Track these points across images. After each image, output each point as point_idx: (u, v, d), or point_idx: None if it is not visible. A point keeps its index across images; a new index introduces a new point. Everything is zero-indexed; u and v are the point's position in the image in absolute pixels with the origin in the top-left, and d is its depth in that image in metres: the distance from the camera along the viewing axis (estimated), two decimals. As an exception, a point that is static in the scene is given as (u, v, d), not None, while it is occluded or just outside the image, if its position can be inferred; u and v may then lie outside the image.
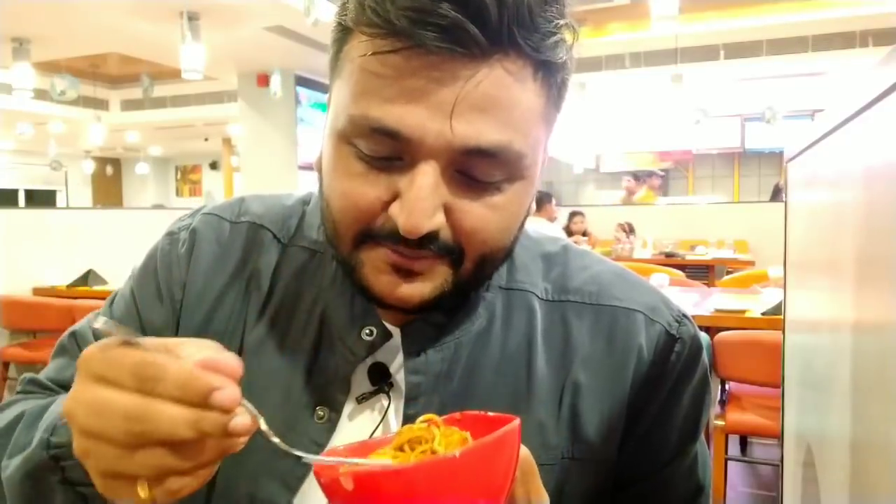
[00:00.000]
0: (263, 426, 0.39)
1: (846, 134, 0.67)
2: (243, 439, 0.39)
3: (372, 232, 0.50)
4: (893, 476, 0.48)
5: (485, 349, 0.58)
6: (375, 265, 0.51)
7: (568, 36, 0.49)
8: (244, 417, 0.37)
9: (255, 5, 5.00)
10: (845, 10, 6.28)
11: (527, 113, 0.48)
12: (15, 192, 13.76)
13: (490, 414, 0.42)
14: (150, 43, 5.93)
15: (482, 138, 0.46)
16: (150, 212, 5.94)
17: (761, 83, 8.28)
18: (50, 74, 7.44)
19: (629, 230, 6.45)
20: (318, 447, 0.56)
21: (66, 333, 0.66)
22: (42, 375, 0.63)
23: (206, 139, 13.02)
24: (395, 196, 0.48)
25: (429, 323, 0.57)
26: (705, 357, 0.63)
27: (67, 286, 4.10)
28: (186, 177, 16.47)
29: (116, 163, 15.81)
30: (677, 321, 0.61)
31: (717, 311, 2.93)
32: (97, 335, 0.62)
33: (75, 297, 3.86)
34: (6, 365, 3.89)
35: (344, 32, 0.50)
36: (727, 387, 2.85)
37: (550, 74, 0.49)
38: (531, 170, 0.51)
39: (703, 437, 0.65)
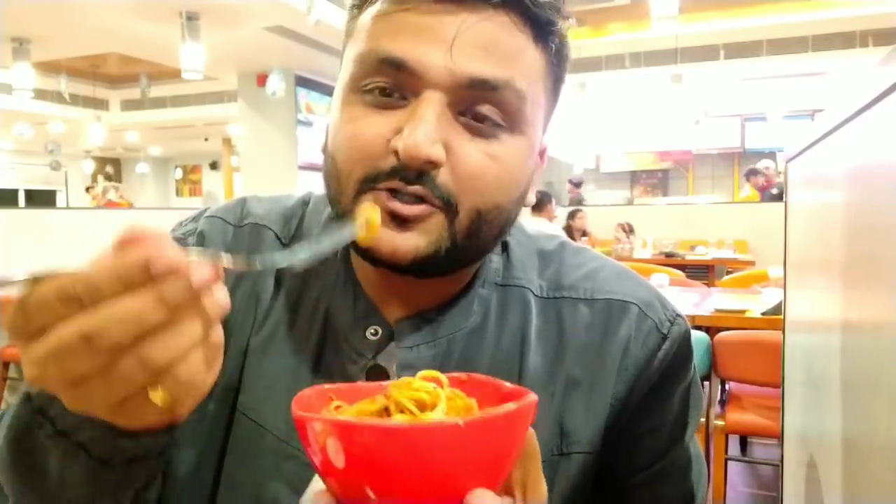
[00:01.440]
0: (227, 262, 0.35)
1: (846, 134, 0.67)
2: (221, 295, 0.35)
3: (374, 173, 0.49)
4: (893, 476, 0.48)
5: (478, 346, 0.58)
6: None
7: (565, 15, 0.53)
8: (202, 267, 0.33)
9: (255, 5, 5.00)
10: (845, 10, 6.28)
11: (527, 63, 0.51)
12: (15, 192, 13.75)
13: (503, 383, 0.39)
14: (150, 43, 5.93)
15: (484, 71, 0.48)
16: (150, 212, 5.94)
17: (761, 83, 8.29)
18: (50, 74, 7.44)
19: (629, 230, 6.46)
20: None
21: None
22: None
23: (206, 139, 13.02)
24: (398, 132, 0.49)
25: (422, 319, 0.57)
26: (695, 360, 0.63)
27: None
28: (186, 177, 16.47)
29: (116, 163, 15.80)
30: (670, 321, 0.60)
31: (717, 311, 2.93)
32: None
33: (75, 297, 3.85)
34: (6, 365, 3.89)
35: (355, 10, 0.53)
36: (727, 387, 2.85)
37: (549, 36, 0.52)
38: (530, 128, 0.52)
39: (699, 448, 0.65)
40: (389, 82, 0.49)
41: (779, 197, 6.39)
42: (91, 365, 0.32)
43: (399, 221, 0.50)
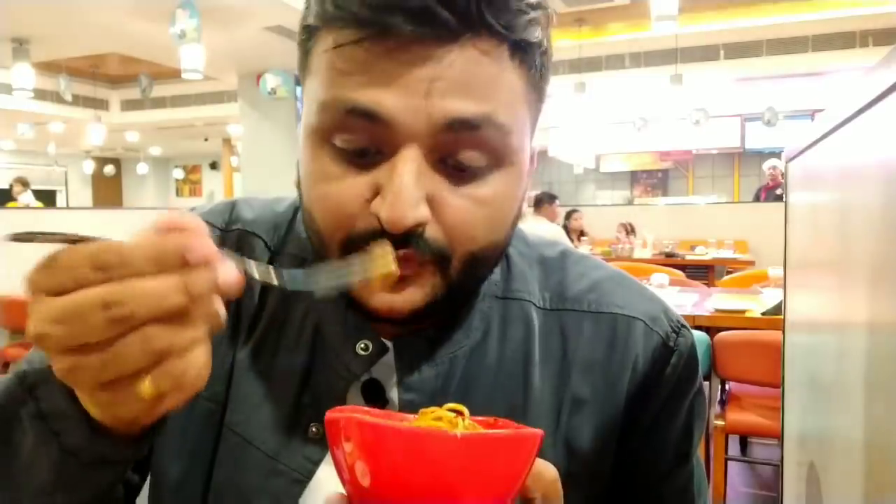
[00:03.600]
0: (253, 271, 0.37)
1: (846, 134, 0.67)
2: (223, 310, 0.36)
3: (356, 235, 0.47)
4: (893, 476, 0.48)
5: (481, 363, 0.56)
6: None
7: (542, 18, 0.47)
8: (231, 268, 0.35)
9: (255, 5, 5.00)
10: (845, 10, 6.29)
11: (507, 90, 0.46)
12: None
13: (521, 428, 0.40)
14: (150, 43, 5.94)
15: (462, 111, 0.44)
16: (150, 212, 5.95)
17: (761, 83, 8.29)
18: (50, 74, 7.44)
19: (630, 230, 6.47)
20: (313, 465, 0.54)
21: None
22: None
23: (206, 139, 13.03)
24: (377, 192, 0.45)
25: (422, 337, 0.55)
26: (700, 370, 0.62)
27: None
28: (186, 177, 16.48)
29: (116, 163, 15.81)
30: (675, 332, 0.59)
31: (717, 311, 2.93)
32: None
33: (75, 297, 3.86)
34: (6, 365, 3.89)
35: (309, 33, 0.48)
36: (727, 387, 2.85)
37: (527, 54, 0.47)
38: (518, 156, 0.49)
39: (699, 455, 0.64)
40: (362, 138, 0.45)
41: (780, 197, 6.40)
42: (99, 333, 0.33)
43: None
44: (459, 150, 0.46)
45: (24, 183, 7.83)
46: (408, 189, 0.44)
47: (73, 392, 0.40)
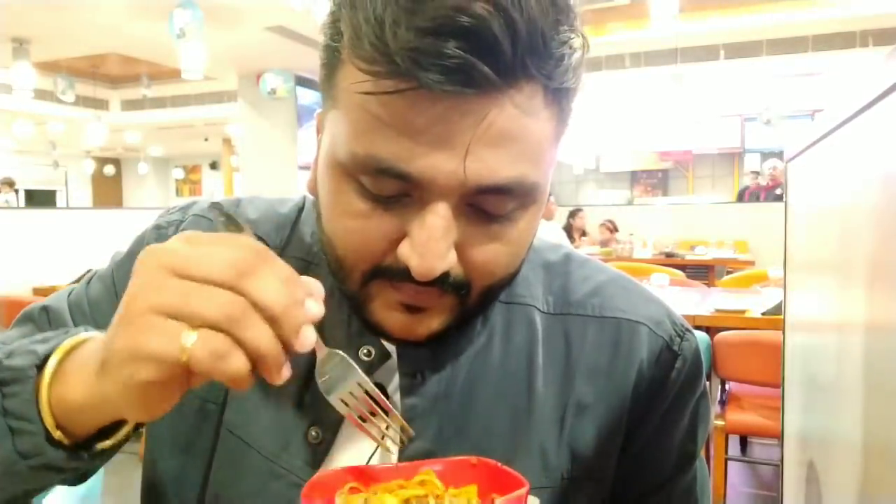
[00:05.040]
0: (322, 351, 0.42)
1: (846, 134, 0.67)
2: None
3: (381, 269, 0.48)
4: (893, 476, 0.48)
5: (484, 368, 0.56)
6: (386, 302, 0.49)
7: (580, 50, 0.45)
8: (312, 332, 0.39)
9: (255, 5, 4.99)
10: (845, 10, 6.27)
11: (539, 142, 0.45)
12: (15, 192, 13.75)
13: (505, 468, 0.40)
14: (150, 43, 5.93)
15: (496, 176, 0.43)
16: (150, 212, 5.95)
17: (761, 83, 8.28)
18: (50, 74, 7.44)
19: (613, 229, 6.49)
20: (311, 469, 0.54)
21: (34, 305, 0.62)
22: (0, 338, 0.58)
23: (206, 139, 13.02)
24: (404, 234, 0.45)
25: (425, 342, 0.55)
26: (704, 374, 0.62)
27: (67, 286, 4.09)
28: (186, 177, 16.48)
29: (116, 163, 15.80)
30: (679, 336, 0.59)
31: (717, 311, 2.93)
32: (74, 317, 0.61)
33: (75, 297, 3.86)
34: (6, 365, 3.89)
35: (336, 57, 0.46)
36: (727, 387, 2.85)
37: (563, 98, 0.46)
38: (543, 194, 0.49)
39: (703, 458, 0.64)
40: (392, 189, 0.44)
41: (780, 197, 6.40)
42: (235, 317, 0.36)
43: (413, 309, 0.49)
44: (488, 204, 0.46)
45: (10, 183, 7.84)
46: (438, 243, 0.44)
47: (39, 399, 0.41)
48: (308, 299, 0.38)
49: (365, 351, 0.55)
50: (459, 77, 0.39)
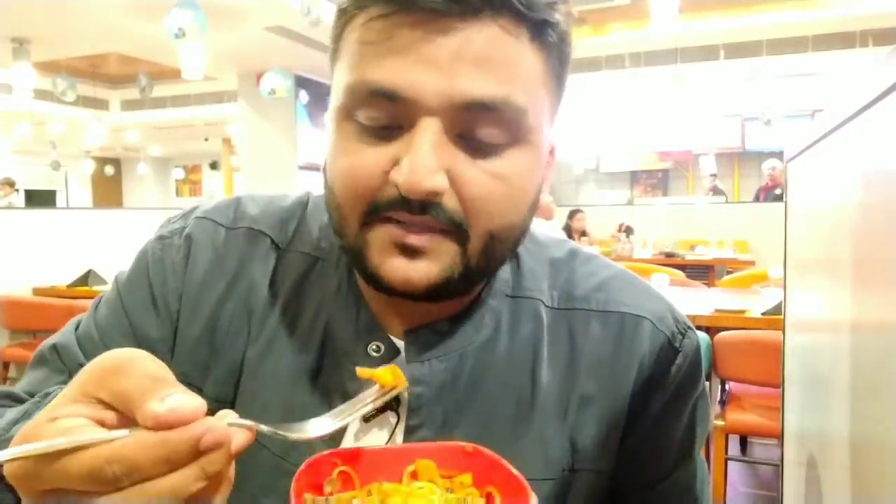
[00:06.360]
0: (263, 428, 0.37)
1: (846, 134, 0.67)
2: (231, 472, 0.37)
3: (376, 205, 0.48)
4: (894, 475, 0.48)
5: (490, 359, 0.57)
6: (381, 246, 0.49)
7: (562, 5, 0.49)
8: (240, 432, 0.36)
9: (255, 5, 5.00)
10: (845, 10, 6.28)
11: (526, 71, 0.47)
12: (15, 192, 13.76)
13: (505, 464, 0.39)
14: (150, 43, 5.93)
15: (483, 92, 0.45)
16: (150, 212, 5.95)
17: (761, 83, 8.29)
18: (50, 74, 7.44)
19: (626, 231, 6.48)
20: None
21: (45, 344, 0.61)
22: (18, 388, 0.58)
23: (206, 139, 13.02)
24: (397, 164, 0.47)
25: (433, 332, 0.56)
26: (703, 372, 0.62)
27: (67, 286, 4.09)
28: (187, 177, 16.47)
29: (116, 163, 15.80)
30: (682, 333, 0.60)
31: (717, 311, 2.93)
32: (84, 348, 0.59)
33: (75, 297, 3.86)
34: (6, 365, 3.89)
35: (343, 17, 0.50)
36: (727, 387, 2.85)
37: (546, 37, 0.48)
38: (534, 135, 0.50)
39: (702, 458, 0.65)
40: (383, 115, 0.47)
41: (780, 197, 6.40)
42: None
43: (410, 251, 0.48)
44: (477, 127, 0.47)
45: (11, 184, 7.85)
46: (425, 156, 0.45)
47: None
48: (204, 439, 0.33)
49: (374, 347, 0.55)
50: None
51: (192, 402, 0.34)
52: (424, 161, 0.45)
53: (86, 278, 4.13)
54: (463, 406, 0.55)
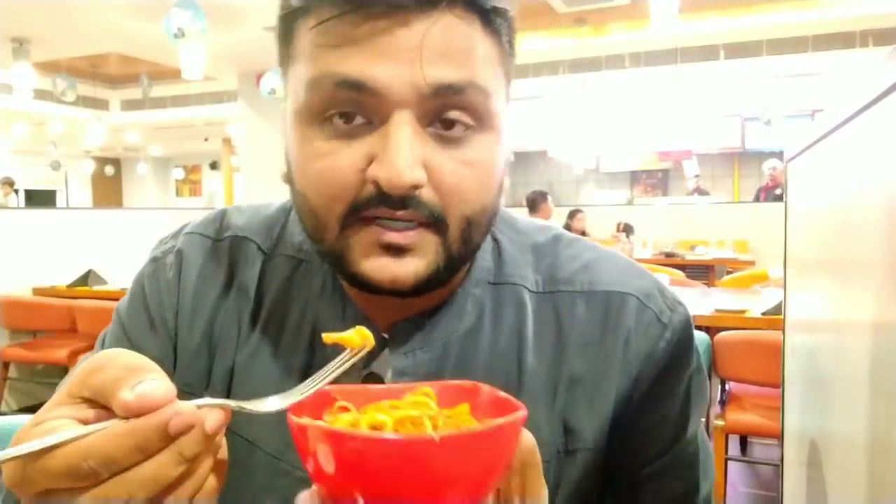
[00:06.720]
0: (232, 404, 0.37)
1: (846, 134, 0.67)
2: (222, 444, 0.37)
3: (356, 206, 0.48)
4: (893, 476, 0.49)
5: (475, 348, 0.57)
6: (364, 248, 0.49)
7: None
8: (212, 412, 0.35)
9: (255, 5, 4.99)
10: (845, 10, 6.28)
11: (483, 56, 0.49)
12: (15, 192, 13.77)
13: (501, 395, 0.40)
14: (150, 43, 5.93)
15: (449, 76, 0.46)
16: (150, 212, 5.95)
17: (761, 83, 8.29)
18: (50, 74, 7.44)
19: (626, 230, 6.47)
20: None
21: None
22: None
23: (206, 139, 13.02)
24: (371, 160, 0.47)
25: (415, 324, 0.56)
26: (697, 347, 0.62)
27: (67, 286, 4.10)
28: (186, 176, 16.47)
29: (116, 163, 15.80)
30: (670, 308, 0.60)
31: (717, 311, 2.93)
32: None
33: (75, 297, 3.86)
34: (6, 365, 3.89)
35: (289, 21, 0.50)
36: (727, 387, 2.85)
37: (497, 24, 0.50)
38: (497, 119, 0.51)
39: (706, 439, 0.64)
40: (351, 109, 0.47)
41: (780, 197, 6.41)
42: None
43: (395, 250, 0.49)
44: (447, 111, 0.47)
45: (10, 184, 7.86)
46: (404, 149, 0.46)
47: None
48: (172, 423, 0.33)
49: None
50: None
51: (161, 387, 0.33)
52: (404, 155, 0.45)
53: (86, 278, 4.13)
54: None
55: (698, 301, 3.24)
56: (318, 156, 0.48)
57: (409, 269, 0.49)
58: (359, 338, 0.43)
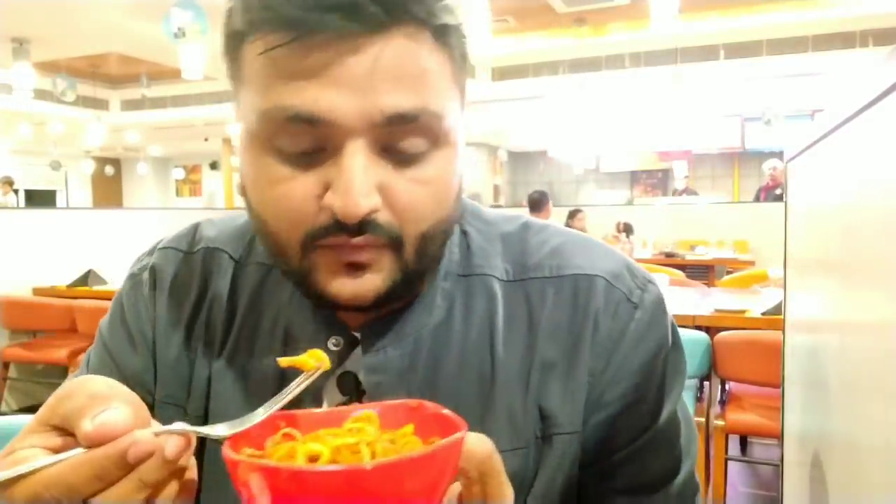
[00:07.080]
0: (189, 429, 0.37)
1: (846, 134, 0.67)
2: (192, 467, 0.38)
3: (313, 234, 0.48)
4: (893, 476, 0.49)
5: (446, 341, 0.57)
6: (328, 268, 0.50)
7: (456, 2, 0.50)
8: (173, 438, 0.36)
9: (255, 5, 4.99)
10: (845, 10, 6.28)
11: (436, 74, 0.48)
12: (15, 192, 13.77)
13: (445, 412, 0.40)
14: (150, 43, 5.94)
15: (401, 105, 0.46)
16: (150, 212, 5.95)
17: (761, 83, 8.30)
18: (50, 74, 7.44)
19: (626, 230, 6.46)
20: None
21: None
22: None
23: (206, 139, 13.02)
24: (327, 188, 0.47)
25: (385, 321, 0.57)
26: (671, 323, 0.61)
27: (67, 286, 4.10)
28: (186, 176, 16.47)
29: (116, 163, 15.79)
30: (640, 288, 0.59)
31: (717, 311, 2.92)
32: None
33: (75, 297, 3.86)
34: (6, 365, 3.89)
35: (236, 41, 0.49)
36: (727, 387, 2.85)
37: (448, 37, 0.49)
38: (452, 135, 0.51)
39: (687, 412, 0.63)
40: (305, 140, 0.47)
41: (780, 197, 6.41)
42: None
43: (353, 268, 0.49)
44: (400, 140, 0.47)
45: (9, 183, 7.87)
46: (358, 179, 0.46)
47: None
48: (130, 452, 0.34)
49: (334, 341, 0.56)
50: (347, 16, 0.43)
51: (121, 416, 0.34)
52: (358, 184, 0.46)
53: (86, 278, 4.13)
54: (425, 389, 0.56)
55: (698, 301, 3.24)
56: (274, 181, 0.48)
57: (368, 285, 0.50)
58: (313, 360, 0.43)
